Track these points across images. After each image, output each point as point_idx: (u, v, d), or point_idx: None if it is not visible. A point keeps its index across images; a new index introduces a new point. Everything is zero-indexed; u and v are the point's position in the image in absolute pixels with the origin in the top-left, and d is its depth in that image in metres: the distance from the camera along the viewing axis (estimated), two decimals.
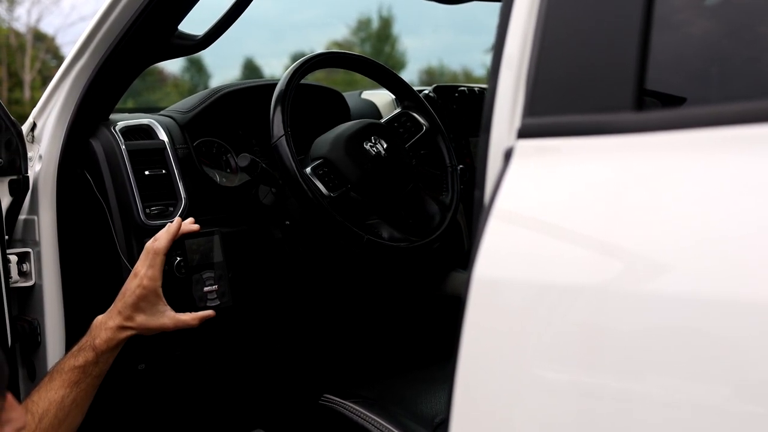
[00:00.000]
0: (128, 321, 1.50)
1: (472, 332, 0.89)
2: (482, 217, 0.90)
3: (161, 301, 1.52)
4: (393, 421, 1.53)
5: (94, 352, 1.48)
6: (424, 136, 2.03)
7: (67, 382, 1.45)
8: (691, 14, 0.90)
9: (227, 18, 1.82)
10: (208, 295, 1.63)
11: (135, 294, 1.50)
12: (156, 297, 1.51)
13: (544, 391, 0.82)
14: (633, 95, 0.83)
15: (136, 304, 1.50)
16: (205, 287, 1.63)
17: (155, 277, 1.50)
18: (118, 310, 1.51)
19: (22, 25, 29.28)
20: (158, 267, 1.51)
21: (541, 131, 0.90)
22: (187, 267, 1.61)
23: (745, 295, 0.69)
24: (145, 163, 1.88)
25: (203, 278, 1.63)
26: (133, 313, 1.50)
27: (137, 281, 1.50)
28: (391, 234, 1.86)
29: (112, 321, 1.50)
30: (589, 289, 0.79)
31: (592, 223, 0.82)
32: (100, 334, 1.50)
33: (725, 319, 0.70)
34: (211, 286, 1.64)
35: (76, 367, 1.46)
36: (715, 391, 0.70)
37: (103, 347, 1.48)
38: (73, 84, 1.87)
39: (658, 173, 0.79)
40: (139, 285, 1.50)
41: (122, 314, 1.50)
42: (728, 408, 0.69)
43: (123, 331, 1.50)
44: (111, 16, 1.74)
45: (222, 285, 1.65)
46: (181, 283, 1.61)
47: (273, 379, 2.40)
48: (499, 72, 0.95)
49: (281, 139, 1.72)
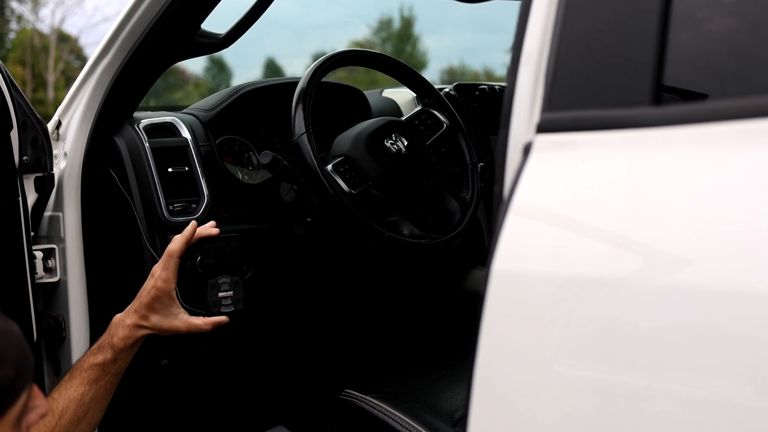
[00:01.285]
0: (143, 320, 1.52)
1: (491, 327, 0.89)
2: (501, 211, 0.91)
3: (175, 304, 1.54)
4: (413, 416, 1.53)
5: (113, 350, 1.50)
6: (444, 134, 2.03)
7: (87, 380, 1.47)
8: (709, 9, 0.91)
9: (250, 16, 1.84)
10: (223, 301, 1.63)
11: (150, 295, 1.52)
12: (170, 299, 1.53)
13: (562, 386, 0.82)
14: (651, 90, 0.84)
15: (150, 304, 1.52)
16: (219, 293, 1.63)
17: (169, 279, 1.52)
18: (135, 309, 1.53)
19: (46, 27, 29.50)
20: (172, 269, 1.52)
21: (560, 126, 0.90)
22: (204, 270, 1.62)
23: (766, 289, 0.69)
24: (169, 161, 1.90)
25: (219, 283, 1.64)
26: (148, 313, 1.52)
27: (152, 282, 1.52)
28: (412, 231, 1.87)
29: (129, 319, 1.52)
30: (608, 283, 0.79)
31: (611, 217, 0.82)
32: (117, 332, 1.51)
33: (746, 314, 0.70)
34: (226, 291, 1.64)
35: (95, 365, 1.48)
36: (736, 388, 0.70)
37: (121, 345, 1.50)
38: (98, 82, 1.89)
39: (676, 167, 0.79)
40: (154, 286, 1.52)
41: (138, 313, 1.52)
42: (749, 405, 0.69)
43: (139, 330, 1.52)
44: (135, 15, 1.76)
45: (237, 291, 1.65)
46: (197, 282, 1.63)
47: (294, 374, 2.41)
48: (519, 68, 0.96)
49: (303, 137, 1.73)
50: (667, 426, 0.74)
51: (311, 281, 2.17)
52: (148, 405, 2.12)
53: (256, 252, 1.95)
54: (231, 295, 1.64)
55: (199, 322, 1.55)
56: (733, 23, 0.90)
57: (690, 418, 0.73)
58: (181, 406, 2.21)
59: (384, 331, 2.56)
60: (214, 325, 1.57)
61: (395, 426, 1.53)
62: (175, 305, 1.54)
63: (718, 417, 0.71)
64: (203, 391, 2.24)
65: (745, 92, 0.84)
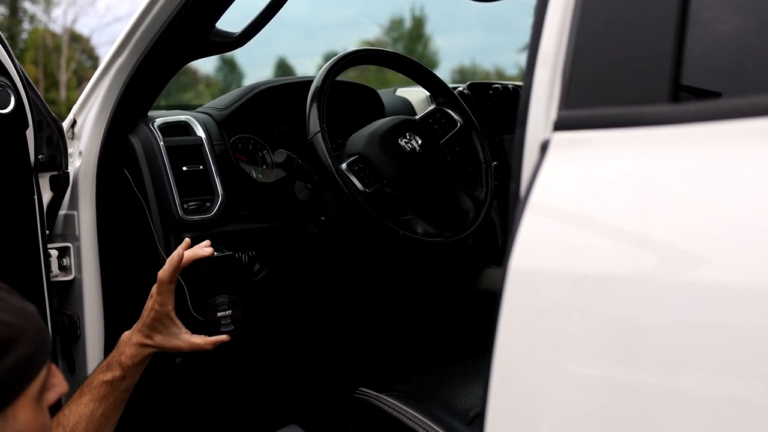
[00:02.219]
0: (148, 339, 1.53)
1: (509, 324, 0.89)
2: (518, 209, 0.91)
3: (175, 324, 1.55)
4: (428, 414, 1.53)
5: (122, 367, 1.51)
6: (458, 133, 2.04)
7: (97, 397, 1.48)
8: (727, 7, 0.90)
9: (264, 15, 1.84)
10: (222, 321, 1.63)
11: (150, 316, 1.53)
12: (169, 320, 1.54)
13: (579, 383, 0.82)
14: (669, 87, 0.84)
15: (152, 324, 1.53)
16: (218, 312, 1.63)
17: (164, 302, 1.52)
18: (139, 328, 1.54)
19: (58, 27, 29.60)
20: (166, 293, 1.52)
21: (577, 123, 0.90)
22: (200, 292, 1.63)
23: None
24: (183, 159, 1.90)
25: (216, 303, 1.63)
26: (151, 333, 1.53)
27: (151, 304, 1.54)
28: (426, 229, 1.87)
29: (135, 338, 1.54)
30: (626, 280, 0.79)
31: (628, 215, 0.82)
32: (125, 350, 1.53)
33: (762, 311, 0.70)
34: (224, 311, 1.64)
35: (104, 382, 1.50)
36: (750, 386, 0.70)
37: (129, 363, 1.52)
38: (113, 81, 1.90)
39: (693, 165, 0.79)
40: (152, 308, 1.53)
41: (142, 332, 1.54)
42: (765, 403, 0.69)
43: (145, 348, 1.53)
44: (150, 14, 1.77)
45: (236, 310, 1.65)
46: (197, 302, 1.65)
47: (307, 373, 2.42)
48: (535, 66, 0.96)
49: (317, 136, 1.74)
50: (682, 424, 0.74)
51: (325, 279, 2.18)
52: (163, 403, 2.13)
53: (269, 250, 1.95)
54: (230, 314, 1.64)
55: (200, 341, 1.56)
56: (751, 21, 0.90)
57: (705, 417, 0.73)
58: (195, 404, 2.22)
59: (398, 330, 2.56)
60: (215, 344, 1.58)
61: (410, 424, 1.53)
62: (175, 325, 1.55)
63: (733, 415, 0.71)
64: (217, 390, 2.25)
65: (762, 90, 0.84)
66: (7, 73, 1.69)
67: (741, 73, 0.92)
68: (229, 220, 1.91)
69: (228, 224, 1.90)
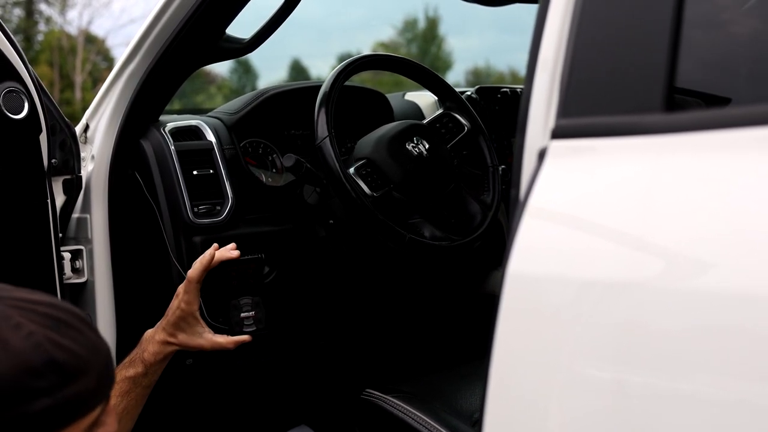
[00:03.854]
0: (171, 338, 1.57)
1: (506, 328, 0.91)
2: (516, 214, 0.92)
3: (199, 323, 1.59)
4: (433, 416, 1.55)
5: (144, 364, 1.56)
6: (465, 137, 2.05)
7: (119, 392, 1.52)
8: (721, 16, 0.92)
9: (273, 22, 1.86)
10: (245, 321, 1.68)
11: (175, 315, 1.57)
12: (194, 319, 1.58)
13: (576, 388, 0.84)
14: (663, 97, 0.85)
15: (176, 323, 1.57)
16: (242, 313, 1.68)
17: (191, 301, 1.57)
18: (163, 326, 1.59)
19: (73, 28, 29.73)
20: (193, 293, 1.57)
21: (575, 132, 0.92)
22: (224, 293, 1.66)
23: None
24: (194, 163, 1.93)
25: (240, 304, 1.68)
26: (174, 331, 1.58)
27: (177, 303, 1.58)
28: (433, 233, 1.88)
29: (159, 336, 1.58)
30: (621, 285, 0.81)
31: (624, 221, 0.83)
32: (148, 348, 1.57)
33: (763, 316, 0.71)
34: (248, 312, 1.68)
35: (127, 378, 1.54)
36: (754, 390, 0.71)
37: (151, 360, 1.56)
38: (125, 86, 1.93)
39: (688, 173, 0.81)
40: (178, 307, 1.57)
41: (166, 331, 1.58)
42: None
43: (168, 346, 1.58)
44: (162, 20, 1.80)
45: (259, 311, 1.70)
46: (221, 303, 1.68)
47: (316, 374, 2.44)
48: (535, 74, 0.97)
49: (325, 140, 1.75)
50: (683, 429, 0.75)
51: (333, 282, 2.20)
52: (173, 404, 2.15)
53: (279, 253, 1.97)
54: (253, 315, 1.69)
55: (222, 340, 1.61)
56: (746, 31, 0.91)
57: (708, 421, 0.74)
58: (205, 405, 2.24)
59: (404, 332, 2.57)
60: (237, 344, 1.63)
61: (416, 426, 1.54)
62: (199, 325, 1.59)
63: (736, 420, 0.72)
64: (227, 391, 2.27)
65: (756, 99, 0.85)
66: (20, 79, 1.72)
67: (736, 82, 0.93)
68: (238, 224, 1.93)
69: (238, 227, 1.92)
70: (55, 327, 0.88)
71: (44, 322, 0.87)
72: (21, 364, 0.83)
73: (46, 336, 0.86)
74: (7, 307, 0.87)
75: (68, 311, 0.92)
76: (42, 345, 0.85)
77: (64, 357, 0.86)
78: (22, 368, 0.83)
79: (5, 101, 1.68)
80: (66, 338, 0.88)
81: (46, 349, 0.85)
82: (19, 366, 0.83)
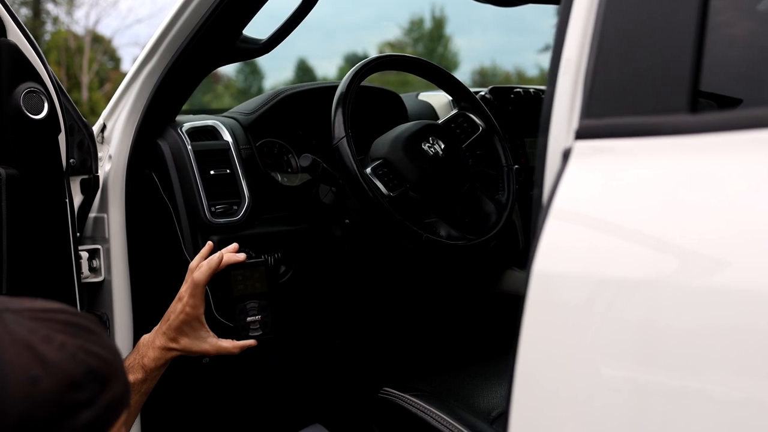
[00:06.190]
0: (173, 343, 1.54)
1: (531, 328, 0.92)
2: (541, 215, 0.93)
3: (203, 328, 1.56)
4: (452, 414, 1.56)
5: (144, 370, 1.53)
6: (480, 137, 2.06)
7: None
8: (745, 17, 0.92)
9: (290, 22, 1.87)
10: (251, 325, 1.66)
11: (178, 318, 1.54)
12: (198, 323, 1.55)
13: (600, 385, 0.84)
14: (688, 97, 0.86)
15: (179, 327, 1.54)
16: (248, 317, 1.66)
17: (196, 305, 1.54)
18: (163, 331, 1.55)
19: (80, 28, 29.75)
20: (199, 296, 1.54)
21: (599, 132, 0.93)
22: (230, 296, 1.66)
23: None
24: (211, 163, 1.93)
25: (247, 308, 1.67)
26: (177, 336, 1.54)
27: (180, 306, 1.54)
28: (449, 232, 1.90)
29: (159, 341, 1.55)
30: (647, 285, 0.81)
31: (648, 221, 0.84)
32: (148, 353, 1.54)
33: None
34: (254, 316, 1.67)
35: None
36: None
37: (151, 365, 1.53)
38: (142, 87, 1.94)
39: (712, 174, 0.81)
40: (182, 311, 1.54)
41: (167, 335, 1.54)
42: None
43: (169, 352, 1.54)
44: (179, 21, 1.81)
45: (265, 315, 1.68)
46: (226, 307, 1.67)
47: (331, 373, 2.45)
48: (558, 75, 0.98)
49: (342, 141, 1.76)
50: (704, 426, 0.76)
51: (349, 281, 2.21)
52: (188, 402, 2.16)
53: (295, 253, 1.98)
54: (259, 319, 1.67)
55: (227, 345, 1.58)
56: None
57: (727, 419, 0.74)
58: (220, 403, 2.25)
59: (420, 331, 2.59)
60: (242, 348, 1.60)
61: (434, 424, 1.55)
62: (203, 329, 1.56)
63: (756, 418, 0.73)
64: (242, 389, 2.28)
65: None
66: (41, 80, 1.73)
67: (760, 82, 0.94)
68: (255, 223, 1.93)
69: (254, 227, 1.93)
70: (79, 334, 0.85)
71: (68, 330, 0.84)
72: (63, 378, 0.80)
73: (77, 345, 0.83)
74: (28, 319, 0.83)
75: (84, 316, 0.89)
76: (77, 355, 0.82)
77: (98, 364, 0.84)
78: (65, 382, 0.80)
79: (26, 101, 1.69)
80: (93, 344, 0.85)
81: (81, 359, 0.83)
82: (62, 381, 0.80)
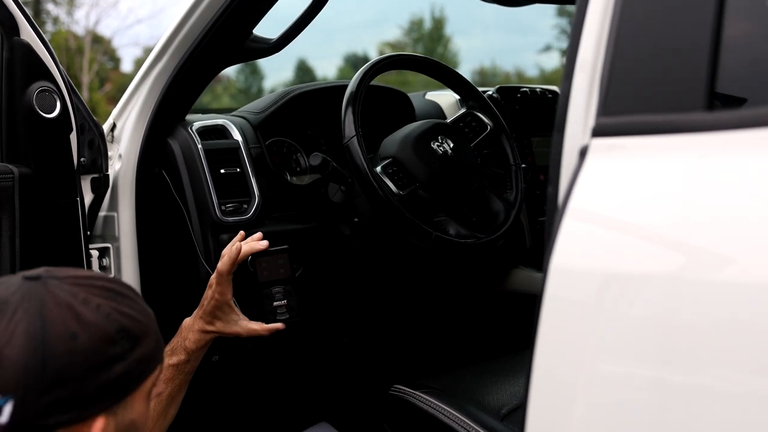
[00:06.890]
0: (209, 325, 1.63)
1: (549, 325, 0.92)
2: (557, 212, 0.94)
3: (234, 311, 1.64)
4: (463, 411, 1.56)
5: (186, 351, 1.62)
6: (488, 136, 2.07)
7: (164, 379, 1.57)
8: (763, 15, 0.93)
9: (300, 22, 1.87)
10: (278, 309, 1.72)
11: (210, 304, 1.62)
12: (228, 308, 1.63)
13: (619, 381, 0.85)
14: (704, 95, 0.86)
15: (212, 312, 1.62)
16: (274, 302, 1.72)
17: (223, 292, 1.61)
18: (200, 315, 1.64)
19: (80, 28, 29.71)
20: (225, 284, 1.61)
21: (615, 130, 0.93)
22: (256, 282, 1.70)
23: None
24: (221, 162, 1.95)
25: (273, 293, 1.72)
26: (212, 320, 1.63)
27: (210, 293, 1.63)
28: (458, 231, 1.90)
29: (197, 324, 1.63)
30: (664, 281, 0.82)
31: (667, 219, 0.85)
32: (189, 336, 1.63)
33: None
34: (280, 300, 1.72)
35: (170, 366, 1.60)
36: None
37: (193, 347, 1.62)
38: (152, 86, 1.95)
39: (729, 171, 0.82)
40: (212, 297, 1.62)
41: (203, 319, 1.63)
42: None
43: (207, 334, 1.63)
44: (190, 21, 1.82)
45: (291, 300, 1.73)
46: (254, 291, 1.72)
47: (340, 372, 2.46)
48: (573, 74, 0.99)
49: (353, 140, 1.78)
50: (725, 422, 0.77)
51: (358, 279, 2.22)
52: (198, 399, 2.16)
53: (305, 251, 1.99)
54: (285, 303, 1.72)
55: (257, 327, 1.65)
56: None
57: (743, 417, 0.75)
58: (229, 401, 2.26)
59: (428, 329, 2.59)
60: (271, 330, 1.66)
61: (445, 421, 1.56)
62: (234, 313, 1.64)
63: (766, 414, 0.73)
64: (250, 387, 2.29)
65: None
66: (53, 79, 1.74)
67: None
68: (265, 221, 1.95)
69: (264, 225, 1.93)
70: (114, 298, 0.98)
71: (105, 294, 0.98)
72: (98, 334, 0.94)
73: (111, 307, 0.97)
74: (69, 285, 0.96)
75: (120, 283, 1.03)
76: (111, 315, 0.96)
77: (129, 323, 0.97)
78: (100, 338, 0.94)
79: (38, 100, 1.70)
80: (126, 307, 0.98)
81: (115, 318, 0.96)
82: (97, 337, 0.93)
